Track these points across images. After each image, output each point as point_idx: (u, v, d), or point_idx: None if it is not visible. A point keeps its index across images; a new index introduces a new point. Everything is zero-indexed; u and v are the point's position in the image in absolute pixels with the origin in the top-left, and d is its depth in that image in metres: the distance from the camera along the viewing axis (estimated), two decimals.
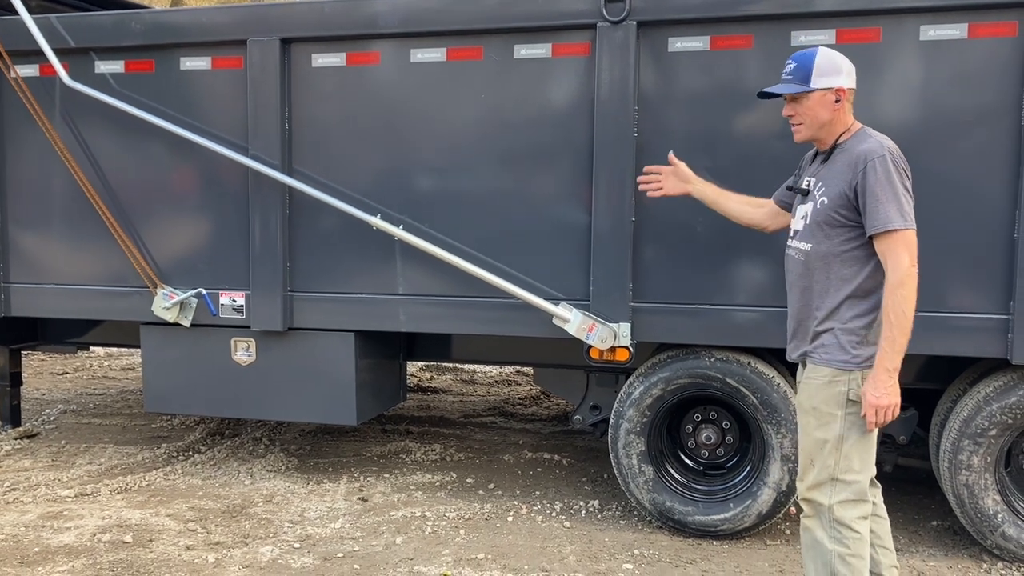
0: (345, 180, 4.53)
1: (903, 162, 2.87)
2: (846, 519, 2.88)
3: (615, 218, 4.14)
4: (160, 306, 4.76)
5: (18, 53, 4.92)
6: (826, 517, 2.90)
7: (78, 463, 5.37)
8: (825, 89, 2.93)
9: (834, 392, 2.88)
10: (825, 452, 2.90)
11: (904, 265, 2.76)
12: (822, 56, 2.96)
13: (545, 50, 4.26)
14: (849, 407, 2.86)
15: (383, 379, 5.04)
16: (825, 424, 2.90)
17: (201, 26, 4.69)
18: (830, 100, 2.94)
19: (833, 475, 2.89)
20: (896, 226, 2.76)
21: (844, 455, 2.88)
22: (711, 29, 4.04)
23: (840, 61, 2.97)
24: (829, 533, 2.90)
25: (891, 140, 2.91)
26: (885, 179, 2.79)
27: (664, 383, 4.25)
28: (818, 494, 2.92)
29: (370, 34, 4.45)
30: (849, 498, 2.88)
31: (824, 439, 2.90)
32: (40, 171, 5.02)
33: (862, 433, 2.88)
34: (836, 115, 2.95)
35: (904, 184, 2.83)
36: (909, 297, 2.76)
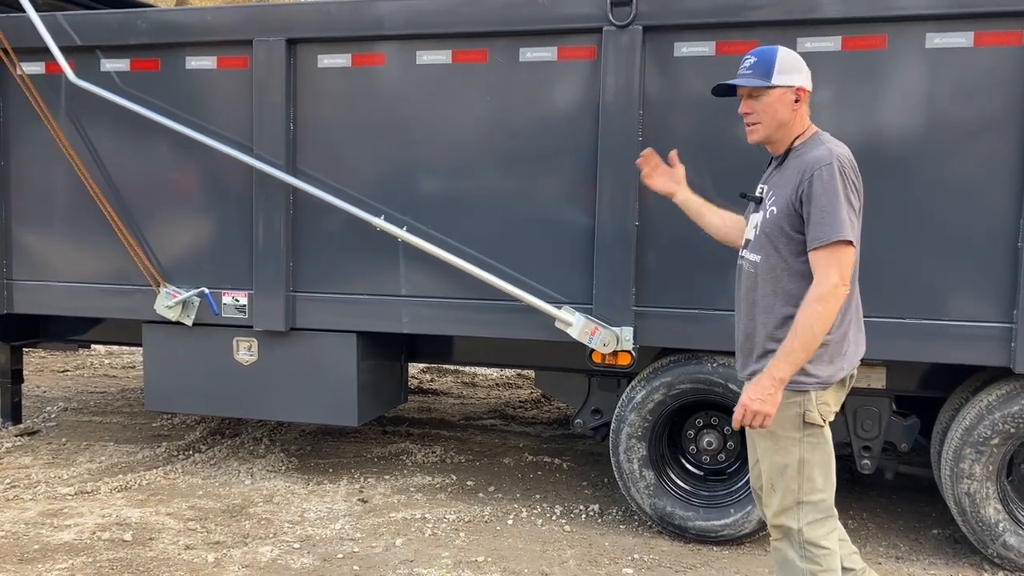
0: (349, 181, 4.53)
1: (853, 172, 2.74)
2: (816, 539, 2.80)
3: (618, 222, 4.14)
4: (163, 305, 4.76)
5: (24, 50, 4.92)
6: (796, 540, 2.82)
7: (78, 461, 5.37)
8: (786, 87, 2.81)
9: (790, 415, 2.75)
10: (787, 477, 2.80)
11: (830, 282, 2.62)
12: (784, 53, 2.86)
13: (551, 53, 4.26)
14: (807, 429, 2.76)
15: (384, 380, 5.04)
16: (784, 448, 2.79)
17: (207, 25, 4.69)
18: (790, 99, 2.82)
19: (798, 499, 2.79)
20: (833, 239, 2.62)
21: (807, 477, 2.79)
22: (717, 34, 4.04)
23: (800, 61, 2.88)
24: (800, 553, 2.82)
25: (845, 147, 2.79)
26: (831, 189, 2.65)
27: (666, 388, 4.25)
28: (785, 519, 2.83)
29: (376, 35, 4.45)
30: (816, 517, 2.80)
31: (785, 464, 2.80)
32: (44, 169, 5.02)
33: (823, 453, 2.79)
34: (794, 116, 2.83)
35: (849, 195, 2.68)
36: (825, 315, 2.62)
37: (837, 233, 2.62)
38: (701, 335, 4.16)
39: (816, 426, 2.76)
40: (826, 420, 2.79)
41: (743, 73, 2.88)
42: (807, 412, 2.74)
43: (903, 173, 3.89)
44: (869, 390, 4.34)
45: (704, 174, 4.04)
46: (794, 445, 2.77)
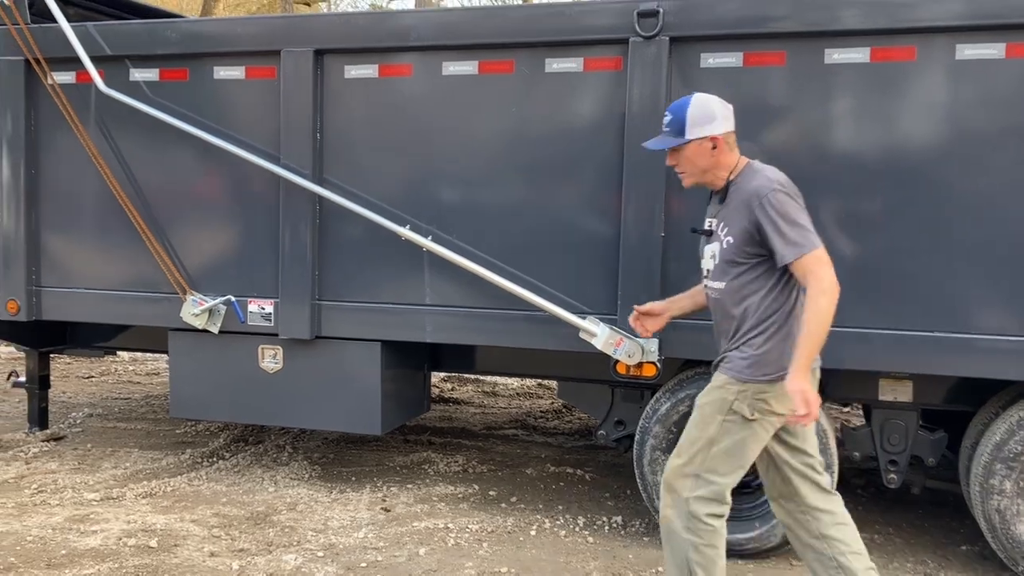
0: (375, 191, 4.55)
1: (793, 189, 2.98)
2: (699, 513, 3.02)
3: (644, 232, 4.14)
4: (189, 312, 4.80)
5: (55, 60, 4.99)
6: (682, 509, 3.04)
7: (104, 467, 5.41)
8: (700, 139, 3.04)
9: (720, 396, 3.02)
10: (696, 448, 3.05)
11: (828, 278, 2.85)
12: (694, 106, 3.07)
13: (576, 64, 4.26)
14: (729, 415, 3.00)
15: (407, 389, 5.05)
16: (704, 423, 3.06)
17: (236, 36, 4.73)
18: (707, 148, 3.05)
19: (698, 472, 3.04)
20: (805, 251, 2.87)
21: (712, 456, 3.02)
22: (744, 46, 4.03)
23: (714, 107, 3.08)
24: (684, 523, 3.04)
25: (777, 171, 3.03)
26: (782, 211, 2.90)
27: (691, 400, 4.20)
28: (679, 483, 3.07)
29: (403, 46, 4.47)
30: (705, 496, 3.02)
31: (699, 436, 3.06)
32: (73, 177, 5.08)
33: (735, 442, 3.00)
34: (715, 160, 3.07)
35: (797, 212, 2.92)
36: (830, 308, 2.84)
37: (811, 243, 2.88)
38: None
39: (737, 415, 3.00)
40: (755, 414, 2.99)
41: (663, 131, 3.15)
42: (735, 401, 3.00)
43: (931, 185, 3.86)
44: (896, 404, 4.32)
45: None
46: (712, 423, 3.04)
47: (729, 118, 3.12)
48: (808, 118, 4.01)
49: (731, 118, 3.13)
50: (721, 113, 3.09)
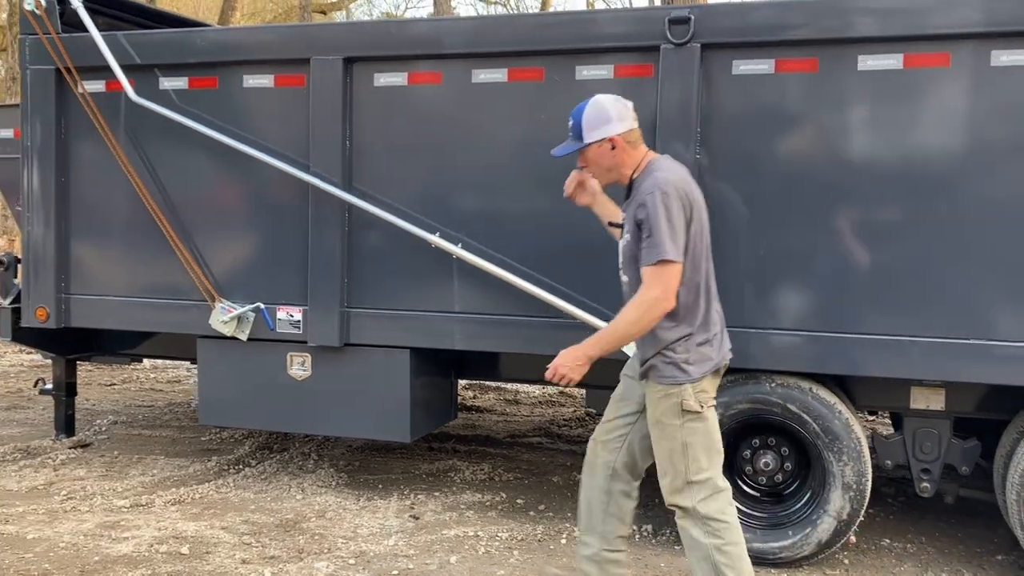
0: (404, 198, 4.55)
1: (679, 194, 3.04)
2: (712, 513, 3.11)
3: None
4: (218, 320, 4.81)
5: (85, 69, 5.02)
6: (695, 517, 3.13)
7: (131, 474, 5.42)
8: (599, 141, 3.15)
9: (670, 404, 3.12)
10: (675, 460, 3.14)
11: (652, 294, 2.99)
12: (590, 110, 3.18)
13: (607, 71, 4.27)
14: (685, 416, 3.10)
15: (435, 397, 5.04)
16: (670, 435, 3.14)
17: (266, 44, 4.77)
18: (607, 149, 3.16)
19: (687, 479, 3.12)
20: (659, 258, 2.97)
21: (692, 459, 3.12)
22: (776, 52, 4.02)
23: (609, 109, 3.17)
24: (703, 529, 3.12)
25: (673, 171, 3.13)
26: (655, 214, 2.99)
27: (723, 408, 4.19)
28: (679, 499, 3.15)
29: (433, 54, 4.49)
30: (707, 494, 3.12)
31: (671, 448, 3.14)
32: (102, 185, 5.11)
33: (703, 435, 3.14)
34: (617, 159, 3.18)
35: (672, 217, 2.99)
36: (640, 321, 3.03)
37: (659, 254, 2.98)
38: (759, 354, 4.12)
39: (694, 412, 3.11)
40: (704, 406, 3.14)
41: (568, 136, 3.27)
42: (684, 401, 3.10)
43: (964, 192, 3.84)
44: (928, 412, 4.28)
45: (762, 189, 4.05)
46: (677, 431, 3.12)
47: (626, 117, 3.19)
48: (841, 124, 3.99)
49: (628, 117, 3.20)
50: (617, 114, 3.18)
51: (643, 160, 3.20)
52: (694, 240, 3.10)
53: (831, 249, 4.02)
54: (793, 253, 4.07)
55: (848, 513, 4.07)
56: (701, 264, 3.14)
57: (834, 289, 4.02)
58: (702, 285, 3.14)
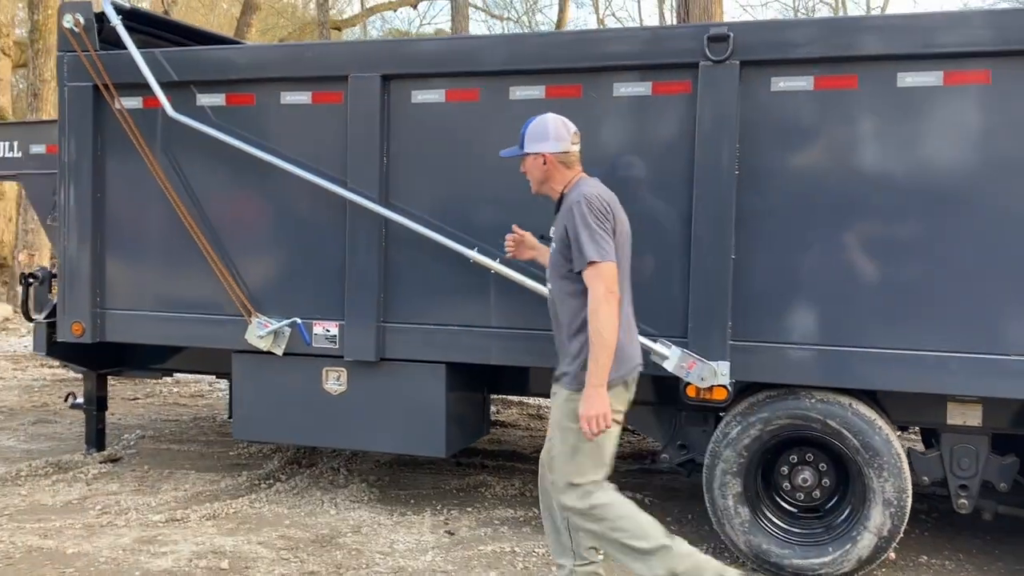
0: (441, 213, 4.58)
1: (600, 204, 3.35)
2: (588, 505, 3.37)
3: (715, 255, 4.14)
4: (255, 335, 4.83)
5: (122, 85, 5.07)
6: (579, 513, 3.39)
7: (164, 488, 5.43)
8: (534, 153, 3.49)
9: (572, 408, 3.36)
10: (566, 461, 3.40)
11: (599, 293, 3.24)
12: (534, 124, 3.53)
13: (645, 88, 4.29)
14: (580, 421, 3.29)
15: (469, 412, 5.06)
16: (565, 437, 3.40)
17: (304, 62, 4.80)
18: (539, 163, 3.51)
19: (570, 480, 3.38)
20: (590, 259, 3.26)
21: (578, 462, 3.38)
22: (815, 69, 4.05)
23: (549, 128, 3.50)
24: (587, 521, 3.39)
25: (596, 188, 3.43)
26: (582, 222, 3.29)
27: (763, 423, 4.21)
28: (565, 498, 3.41)
29: (470, 71, 4.52)
30: (583, 494, 3.37)
31: (563, 449, 3.41)
32: (138, 201, 5.15)
33: (594, 444, 3.34)
34: (548, 174, 3.51)
35: (596, 225, 3.29)
36: (605, 321, 3.22)
37: (590, 256, 3.27)
38: (799, 370, 4.13)
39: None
40: None
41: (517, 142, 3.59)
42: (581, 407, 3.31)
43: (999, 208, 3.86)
44: (965, 428, 4.28)
45: (801, 205, 4.07)
46: (572, 434, 3.36)
47: (564, 139, 3.49)
48: (881, 140, 4.01)
49: (566, 139, 3.49)
50: (556, 134, 3.49)
51: (574, 179, 3.51)
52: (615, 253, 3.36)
53: (871, 265, 4.03)
54: (833, 269, 4.07)
55: (889, 529, 4.06)
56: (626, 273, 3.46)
57: (873, 305, 4.02)
58: (624, 296, 3.40)
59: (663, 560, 3.32)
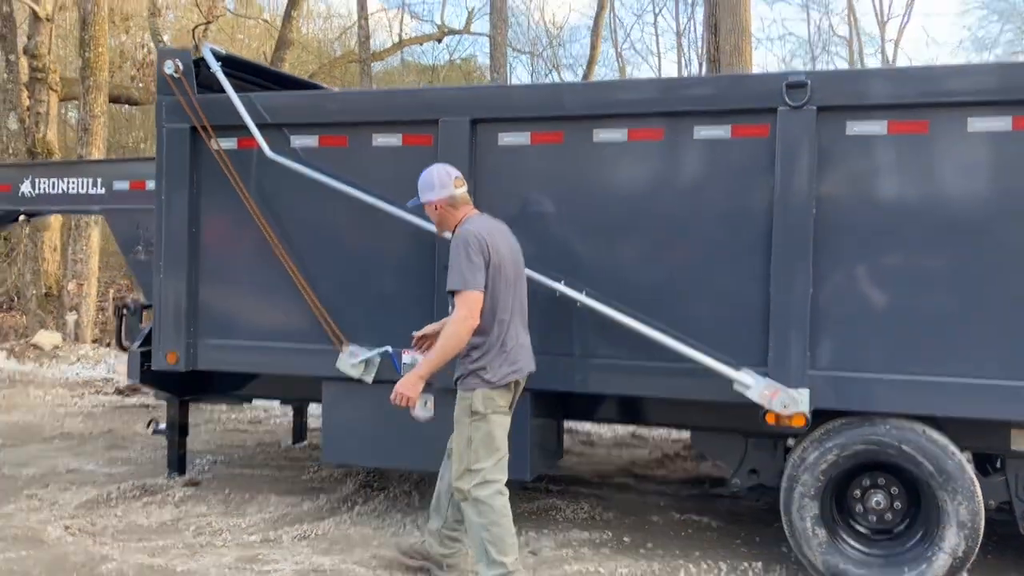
0: (529, 249, 4.81)
1: (475, 240, 3.98)
2: (482, 497, 4.03)
3: (795, 289, 4.38)
4: (347, 363, 5.08)
5: (218, 127, 5.36)
6: (470, 498, 4.03)
7: (249, 511, 5.66)
8: (427, 202, 4.21)
9: (464, 406, 4.10)
10: (461, 451, 4.08)
11: (460, 315, 3.95)
12: (422, 178, 4.22)
13: (724, 131, 4.55)
14: (473, 417, 4.05)
15: (548, 437, 5.28)
16: (460, 431, 4.11)
17: (396, 107, 5.10)
18: (432, 209, 4.23)
19: (467, 467, 4.06)
20: (455, 288, 3.96)
21: (473, 451, 4.05)
22: (888, 114, 4.31)
23: (433, 179, 4.18)
24: (475, 510, 4.04)
25: (477, 224, 4.08)
26: (455, 255, 3.99)
27: (839, 449, 4.43)
28: (460, 483, 4.07)
29: (554, 116, 4.80)
30: (479, 481, 4.03)
31: (460, 442, 4.10)
32: (232, 235, 5.42)
33: (484, 434, 4.05)
34: (441, 217, 4.22)
35: (466, 258, 3.94)
36: (454, 337, 3.97)
37: (455, 284, 3.97)
38: (876, 398, 4.35)
39: (479, 414, 4.05)
40: (489, 410, 4.06)
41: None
42: (473, 403, 4.05)
43: None
44: None
45: (874, 241, 4.32)
46: (465, 428, 4.09)
47: (447, 185, 4.16)
48: (952, 181, 4.26)
49: (449, 185, 4.16)
50: (439, 183, 4.17)
51: (464, 217, 4.16)
52: (493, 278, 4.00)
53: (940, 298, 4.27)
54: (904, 302, 4.31)
55: (964, 550, 4.27)
56: (499, 297, 4.05)
57: (942, 335, 4.25)
58: (498, 314, 4.05)
59: (498, 574, 4.01)
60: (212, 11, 20.02)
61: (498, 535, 4.04)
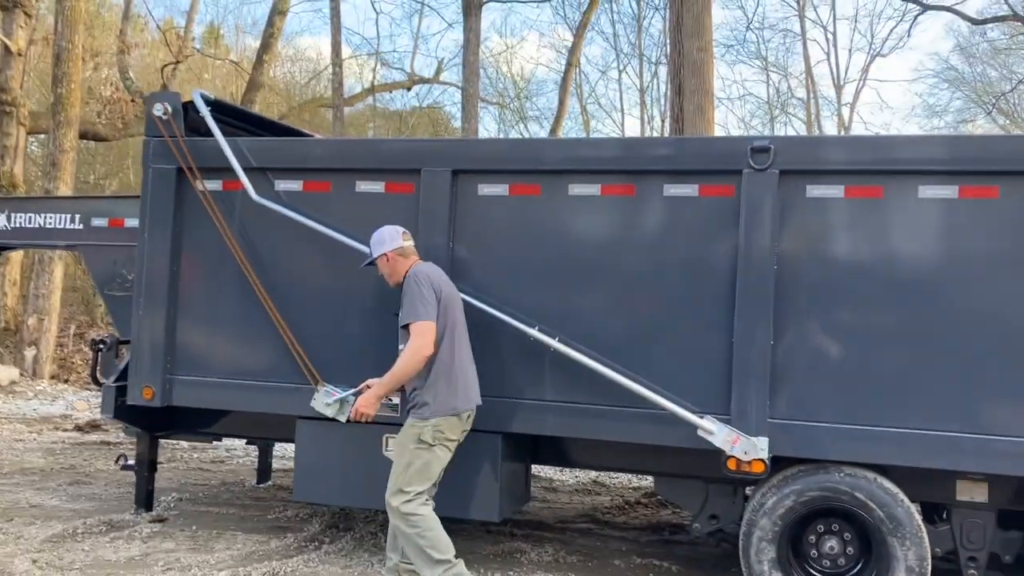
0: (503, 296, 5.01)
1: (426, 279, 4.52)
2: (409, 511, 4.45)
3: (756, 341, 4.62)
4: (322, 402, 5.20)
5: (204, 169, 5.51)
6: (398, 514, 4.44)
7: (217, 548, 5.70)
8: (380, 256, 4.70)
9: (411, 433, 4.51)
10: (398, 471, 4.50)
11: (415, 344, 4.41)
12: (374, 236, 4.75)
13: (692, 190, 4.82)
14: (418, 444, 4.47)
15: (517, 480, 5.42)
16: (401, 454, 4.53)
17: (380, 155, 5.32)
18: (384, 261, 4.72)
19: (399, 487, 4.48)
20: (410, 320, 4.44)
21: (409, 476, 4.48)
22: (846, 180, 4.61)
23: (384, 235, 4.71)
24: (405, 522, 4.44)
25: (426, 268, 4.62)
26: (409, 291, 4.49)
27: (796, 495, 4.64)
28: (392, 499, 4.47)
29: (532, 169, 5.03)
30: (409, 499, 4.46)
31: (399, 464, 4.52)
32: (213, 275, 5.54)
33: (424, 463, 4.48)
34: (393, 267, 4.70)
35: (420, 291, 4.45)
36: (409, 362, 4.43)
37: (412, 317, 4.44)
38: (830, 446, 4.58)
39: (424, 443, 4.47)
40: (436, 442, 4.49)
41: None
42: (421, 433, 4.47)
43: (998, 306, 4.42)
44: (973, 504, 4.74)
45: (830, 298, 4.58)
46: (407, 452, 4.51)
47: (396, 239, 4.69)
48: (901, 244, 4.56)
49: (398, 239, 4.70)
50: (390, 238, 4.69)
51: (411, 266, 4.65)
52: (443, 314, 4.49)
53: (891, 353, 4.54)
54: (857, 356, 4.57)
55: None
56: (449, 332, 4.52)
57: (893, 389, 4.51)
58: (449, 346, 4.51)
59: (443, 570, 4.40)
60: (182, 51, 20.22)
61: (433, 538, 4.45)
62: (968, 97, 27.92)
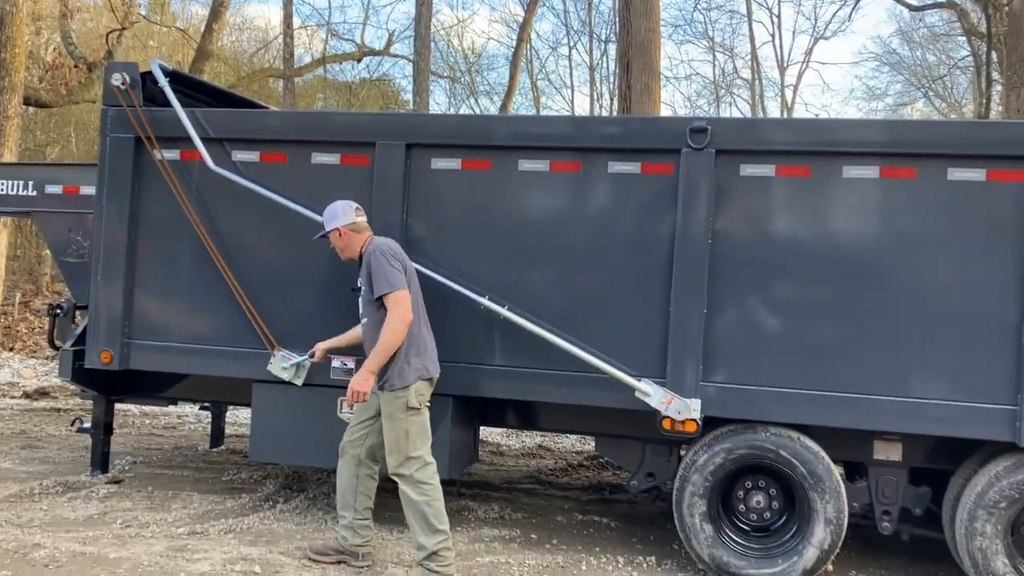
0: (455, 265, 5.25)
1: (390, 250, 4.61)
2: (423, 478, 4.56)
3: (691, 310, 4.93)
4: (278, 366, 5.40)
5: (162, 139, 5.63)
6: (412, 481, 4.55)
7: (174, 507, 5.88)
8: (333, 230, 4.75)
9: (398, 404, 4.57)
10: (399, 442, 4.57)
11: (397, 313, 4.48)
12: (327, 210, 4.81)
13: (635, 167, 5.10)
14: (409, 411, 4.57)
15: (466, 441, 5.69)
16: (396, 425, 4.58)
17: (335, 127, 5.49)
18: (337, 236, 4.76)
19: (407, 455, 4.56)
20: (385, 291, 4.49)
21: (411, 441, 4.57)
22: (776, 159, 4.92)
23: (337, 209, 4.77)
24: (416, 490, 4.55)
25: (386, 241, 4.71)
26: (377, 263, 4.53)
27: (726, 452, 4.99)
28: (402, 469, 4.57)
29: (484, 145, 5.26)
30: (419, 466, 4.56)
31: (397, 435, 4.58)
32: (170, 242, 5.68)
33: (419, 425, 4.60)
34: (346, 242, 4.76)
35: (388, 263, 4.53)
36: (395, 332, 4.48)
37: (387, 288, 4.49)
38: (758, 408, 4.93)
39: (414, 408, 4.58)
40: (422, 405, 4.62)
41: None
42: (407, 400, 4.56)
43: (909, 278, 4.77)
44: (888, 462, 5.14)
45: (761, 269, 4.90)
46: (402, 423, 4.58)
47: (349, 214, 4.74)
48: (824, 220, 4.89)
49: (351, 214, 4.74)
50: (343, 212, 4.74)
51: (366, 241, 4.72)
52: (408, 284, 4.55)
53: (815, 321, 4.88)
54: (784, 323, 4.91)
55: (829, 544, 4.86)
56: (413, 300, 4.58)
57: (818, 357, 4.86)
58: (413, 320, 4.55)
59: (440, 540, 4.54)
60: (128, 17, 19.86)
61: (437, 507, 4.57)
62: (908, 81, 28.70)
